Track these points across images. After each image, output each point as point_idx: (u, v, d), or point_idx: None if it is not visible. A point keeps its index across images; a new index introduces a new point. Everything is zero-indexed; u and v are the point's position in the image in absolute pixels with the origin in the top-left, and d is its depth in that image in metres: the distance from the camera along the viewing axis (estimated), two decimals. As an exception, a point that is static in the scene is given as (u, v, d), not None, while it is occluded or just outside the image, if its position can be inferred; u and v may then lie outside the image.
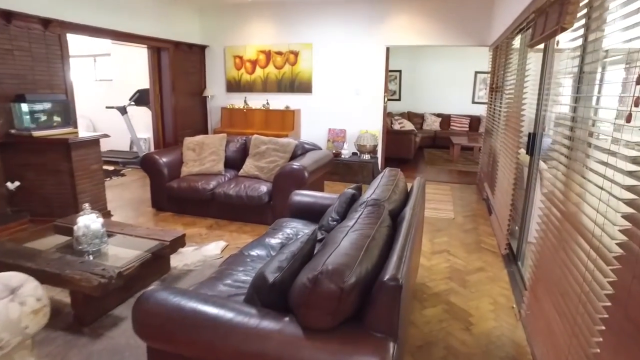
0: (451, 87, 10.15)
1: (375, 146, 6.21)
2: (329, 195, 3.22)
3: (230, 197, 4.23)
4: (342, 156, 6.29)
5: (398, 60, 10.36)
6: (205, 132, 7.39)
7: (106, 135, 4.63)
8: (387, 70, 6.44)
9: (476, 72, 9.90)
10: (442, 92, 10.25)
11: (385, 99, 6.52)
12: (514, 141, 3.38)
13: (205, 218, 4.50)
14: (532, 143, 3.02)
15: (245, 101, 6.96)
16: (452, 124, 9.90)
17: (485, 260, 3.48)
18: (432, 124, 9.95)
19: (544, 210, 2.27)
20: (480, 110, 9.88)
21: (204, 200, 4.41)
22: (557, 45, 2.15)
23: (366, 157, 6.22)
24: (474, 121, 9.79)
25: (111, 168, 7.13)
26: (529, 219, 3.28)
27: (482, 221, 4.51)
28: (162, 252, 2.91)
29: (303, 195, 3.25)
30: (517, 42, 3.99)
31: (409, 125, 8.97)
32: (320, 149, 4.89)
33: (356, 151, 6.35)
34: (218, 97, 7.28)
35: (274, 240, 2.77)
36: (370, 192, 2.32)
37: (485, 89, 9.85)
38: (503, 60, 4.73)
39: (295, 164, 4.05)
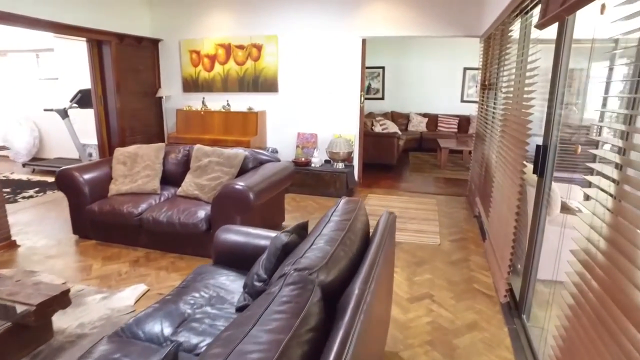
0: (438, 85, 9.37)
1: (351, 153, 5.38)
2: (266, 234, 2.38)
3: (161, 224, 3.38)
4: (313, 165, 5.46)
5: (381, 56, 9.56)
6: (161, 137, 6.50)
7: (5, 148, 3.74)
8: (364, 66, 5.61)
9: (465, 69, 9.13)
10: (428, 90, 9.47)
11: (362, 99, 5.70)
12: (516, 155, 2.57)
13: (134, 248, 3.64)
14: (543, 159, 2.21)
15: (203, 102, 6.09)
16: (439, 124, 9.12)
17: (479, 311, 2.67)
18: (418, 125, 9.16)
19: (572, 277, 1.45)
20: (470, 110, 9.11)
21: (132, 227, 3.55)
22: (603, 12, 1.35)
23: (340, 165, 5.39)
24: (463, 121, 9.02)
25: (51, 179, 6.21)
26: (536, 257, 2.47)
27: (474, 248, 3.70)
28: (25, 321, 2.05)
29: (233, 233, 2.41)
30: (516, 28, 3.18)
31: (392, 127, 8.18)
32: (277, 160, 4.04)
33: (329, 159, 5.52)
34: (175, 97, 6.39)
35: (182, 307, 1.93)
36: (301, 253, 1.49)
37: (476, 86, 9.08)
38: (497, 52, 3.93)
39: (239, 184, 3.20)
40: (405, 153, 8.55)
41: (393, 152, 6.88)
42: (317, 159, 5.46)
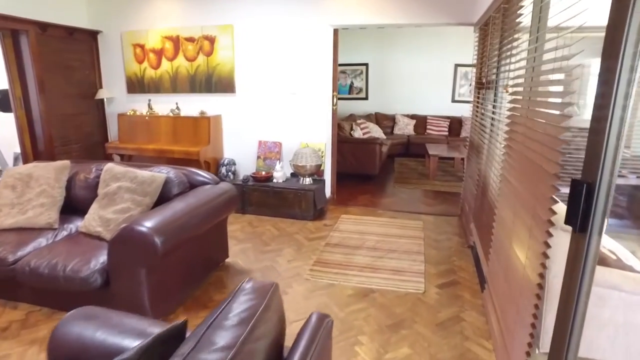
0: (427, 84, 8.50)
1: (320, 166, 4.47)
2: (137, 324, 1.47)
3: (40, 277, 2.45)
4: (274, 180, 4.55)
5: (364, 52, 8.67)
6: (104, 147, 5.54)
7: None
8: (336, 61, 4.71)
9: (456, 65, 8.27)
10: (416, 89, 8.60)
11: (335, 100, 4.80)
12: (537, 191, 1.67)
13: (14, 305, 2.71)
14: (586, 205, 1.30)
15: (149, 105, 5.15)
16: (428, 127, 8.25)
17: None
18: (405, 128, 8.28)
19: None
20: (462, 111, 8.26)
21: (5, 279, 2.61)
22: None
23: (307, 181, 4.48)
24: (455, 123, 8.17)
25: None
26: (573, 341, 1.57)
27: (469, 297, 2.82)
28: None
29: (81, 326, 1.49)
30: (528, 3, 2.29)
31: (375, 130, 7.29)
32: (216, 182, 3.12)
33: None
34: (119, 99, 5.45)
35: None
36: None
37: (470, 85, 8.22)
38: (497, 40, 3.05)
39: (141, 225, 2.28)
40: (390, 159, 7.67)
41: (374, 161, 5.98)
42: (280, 173, 4.54)
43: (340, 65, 8.70)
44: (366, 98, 8.96)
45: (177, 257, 2.57)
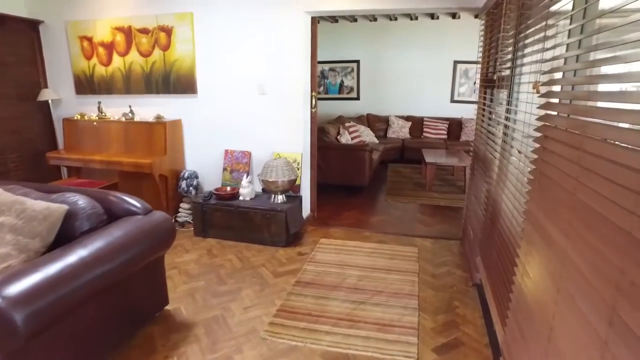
0: (424, 82, 7.77)
1: (294, 181, 3.74)
2: None
3: None
4: (241, 197, 3.81)
5: (355, 48, 7.94)
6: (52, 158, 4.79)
7: None
8: (315, 55, 3.97)
9: (456, 62, 7.54)
10: (412, 88, 7.87)
11: (314, 102, 4.06)
12: (613, 276, 0.93)
13: None
14: None
15: (99, 108, 4.40)
16: (425, 130, 7.53)
17: None
18: (399, 131, 7.55)
19: None
20: (462, 112, 7.53)
21: None
22: None
23: (279, 199, 3.75)
24: (454, 126, 7.44)
25: None
26: None
27: (478, 369, 2.09)
28: None
29: None
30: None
31: (366, 134, 6.57)
32: (146, 211, 2.38)
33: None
34: (67, 101, 4.70)
35: None
36: None
37: (474, 83, 7.49)
38: (512, 25, 2.32)
39: (-6, 291, 1.54)
40: (383, 166, 6.93)
41: (363, 171, 5.25)
42: (247, 189, 3.80)
43: (330, 62, 7.98)
44: (357, 98, 8.23)
45: (74, 320, 1.83)
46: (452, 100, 7.72)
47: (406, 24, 7.60)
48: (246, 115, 4.03)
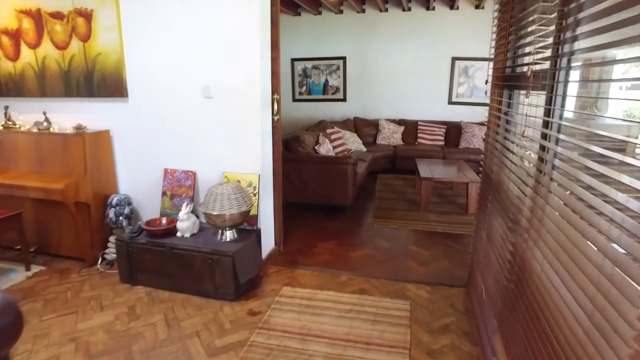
0: (418, 81, 6.89)
1: (248, 212, 2.83)
2: None
3: None
4: (179, 233, 2.90)
5: (340, 43, 7.05)
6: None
7: None
8: (277, 46, 3.07)
9: (454, 59, 6.66)
10: (404, 88, 6.98)
11: (276, 107, 3.15)
12: None
13: None
14: None
15: (6, 114, 3.48)
16: (420, 135, 6.64)
17: None
18: (391, 137, 6.66)
19: None
20: (461, 115, 6.66)
21: None
22: None
23: (227, 235, 2.85)
24: (452, 130, 6.57)
25: None
26: None
27: None
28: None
29: None
30: None
31: (352, 141, 5.69)
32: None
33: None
34: (-24, 106, 3.75)
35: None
36: None
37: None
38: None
39: None
40: (371, 177, 6.05)
41: (345, 188, 4.36)
42: (187, 223, 2.90)
43: (313, 59, 7.09)
44: (344, 99, 7.33)
45: None
46: (450, 102, 6.84)
47: (398, 15, 6.71)
48: (189, 126, 3.11)
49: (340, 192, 4.39)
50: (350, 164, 4.32)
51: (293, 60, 7.40)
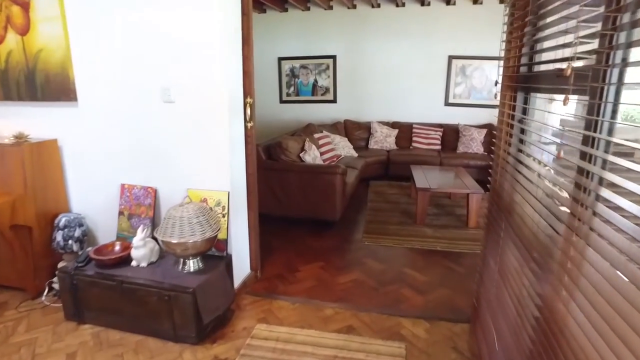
0: (412, 81, 6.48)
1: (214, 238, 2.38)
2: None
3: None
4: (134, 263, 2.45)
5: (330, 42, 6.62)
6: None
7: None
8: (249, 41, 2.62)
9: (450, 57, 6.26)
10: (398, 88, 6.56)
11: (249, 112, 2.71)
12: None
13: None
14: None
15: (-60, 122, 2.99)
16: (415, 139, 6.23)
17: None
18: (384, 140, 6.24)
19: None
20: (458, 117, 6.26)
21: None
22: None
23: (191, 265, 2.40)
24: (449, 133, 6.17)
25: None
26: None
27: None
28: None
29: None
30: None
31: (342, 145, 5.28)
32: None
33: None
34: None
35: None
36: None
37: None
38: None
39: None
40: (363, 184, 5.62)
41: (333, 200, 3.92)
42: (144, 251, 2.45)
43: (301, 58, 6.65)
44: (334, 100, 6.90)
45: None
46: (447, 103, 6.43)
47: (391, 11, 6.29)
48: (148, 135, 2.66)
49: (328, 206, 3.95)
50: (339, 173, 3.88)
51: (280, 59, 6.96)
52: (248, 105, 2.69)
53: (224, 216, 2.57)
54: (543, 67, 1.79)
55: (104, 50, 2.59)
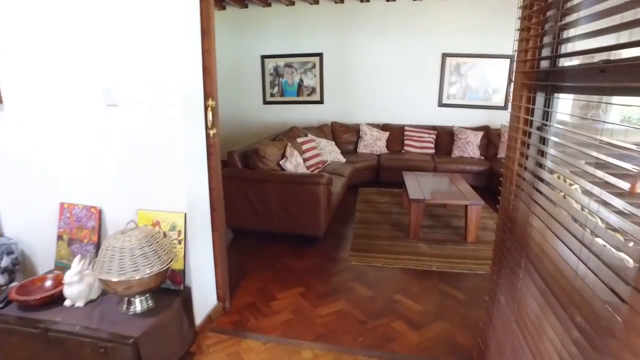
0: (404, 81, 6.09)
1: (165, 272, 1.94)
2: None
3: None
4: (67, 301, 2.00)
5: (317, 39, 6.21)
6: None
7: None
8: (209, 32, 2.18)
9: (444, 55, 5.87)
10: (389, 88, 6.17)
11: (210, 117, 2.27)
12: None
13: None
14: None
15: None
16: (406, 142, 5.84)
17: None
18: (374, 144, 5.84)
19: None
20: (453, 119, 5.88)
21: None
22: None
23: (137, 304, 1.96)
24: (443, 136, 5.79)
25: None
26: None
27: None
28: None
29: None
30: None
31: (328, 150, 4.89)
32: None
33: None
34: None
35: None
36: None
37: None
38: None
39: None
40: (352, 191, 5.21)
41: (317, 214, 3.51)
42: (80, 287, 2.01)
43: (285, 56, 6.24)
44: (321, 101, 6.48)
45: None
46: (441, 104, 6.05)
47: (381, 6, 5.89)
48: (89, 143, 2.21)
49: (310, 220, 3.53)
50: (323, 184, 3.46)
51: (263, 57, 6.52)
52: (210, 108, 2.25)
53: (180, 242, 2.13)
54: (576, 61, 1.39)
55: (35, 39, 2.14)
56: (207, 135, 2.29)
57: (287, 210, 3.56)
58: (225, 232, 2.52)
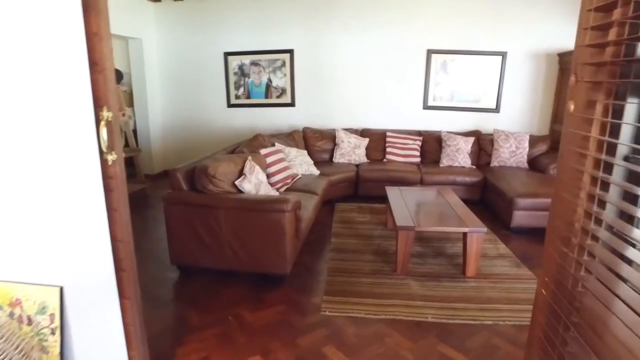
0: (385, 80, 5.43)
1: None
2: None
3: None
4: None
5: (287, 33, 5.49)
6: None
7: None
8: (99, 10, 1.42)
9: (430, 52, 5.23)
10: (368, 89, 5.50)
11: (105, 134, 1.50)
12: None
13: None
14: None
15: None
16: (389, 149, 5.17)
17: None
18: (352, 152, 5.15)
19: None
20: (441, 123, 5.26)
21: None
22: None
23: None
24: (430, 142, 5.16)
25: None
26: None
27: None
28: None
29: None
30: None
31: (299, 161, 4.22)
32: None
33: None
34: None
35: None
36: None
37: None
38: None
39: None
40: (328, 207, 4.51)
41: (281, 247, 2.79)
42: None
43: (252, 53, 5.52)
44: (292, 104, 5.76)
45: None
46: (426, 106, 5.42)
47: (357, -5, 5.21)
48: None
49: (274, 255, 2.81)
50: (287, 211, 2.74)
51: (226, 54, 5.76)
52: (104, 122, 1.49)
53: (53, 332, 1.38)
54: None
55: None
56: (103, 163, 1.53)
57: (243, 243, 2.82)
58: (138, 297, 1.77)
